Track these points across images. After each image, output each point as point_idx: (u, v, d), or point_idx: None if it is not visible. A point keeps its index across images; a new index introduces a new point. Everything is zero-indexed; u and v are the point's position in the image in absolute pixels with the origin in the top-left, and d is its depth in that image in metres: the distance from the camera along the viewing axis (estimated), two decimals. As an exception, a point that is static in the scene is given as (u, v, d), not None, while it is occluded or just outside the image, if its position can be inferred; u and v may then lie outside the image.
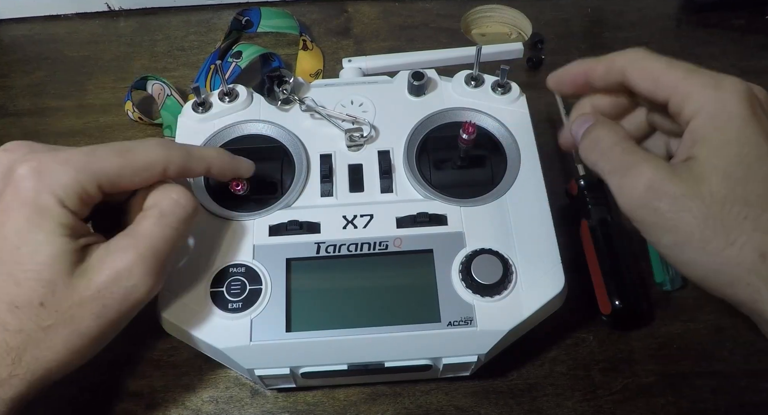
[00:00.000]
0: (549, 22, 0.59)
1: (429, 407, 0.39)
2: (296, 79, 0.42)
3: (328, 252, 0.36)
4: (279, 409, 0.40)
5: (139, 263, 0.30)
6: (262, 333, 0.34)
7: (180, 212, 0.32)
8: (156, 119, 0.52)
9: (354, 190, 0.38)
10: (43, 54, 0.58)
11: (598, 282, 0.41)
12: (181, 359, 0.41)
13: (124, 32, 0.60)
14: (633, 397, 0.39)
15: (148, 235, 0.31)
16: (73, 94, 0.55)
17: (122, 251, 0.30)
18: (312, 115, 0.41)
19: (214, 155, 0.35)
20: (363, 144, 0.40)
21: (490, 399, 0.40)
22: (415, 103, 0.42)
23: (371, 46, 0.58)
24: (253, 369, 0.34)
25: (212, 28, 0.60)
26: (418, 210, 0.37)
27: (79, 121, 0.53)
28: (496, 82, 0.42)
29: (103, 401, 0.39)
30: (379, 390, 0.40)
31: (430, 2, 0.61)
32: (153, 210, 0.32)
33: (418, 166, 0.39)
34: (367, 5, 0.61)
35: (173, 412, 0.39)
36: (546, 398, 0.40)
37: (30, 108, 0.55)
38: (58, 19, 0.61)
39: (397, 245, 0.36)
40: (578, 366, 0.41)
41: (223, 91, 0.41)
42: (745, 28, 0.58)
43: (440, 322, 0.34)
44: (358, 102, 0.42)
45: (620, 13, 0.60)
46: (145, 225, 0.31)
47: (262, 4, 0.60)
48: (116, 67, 0.57)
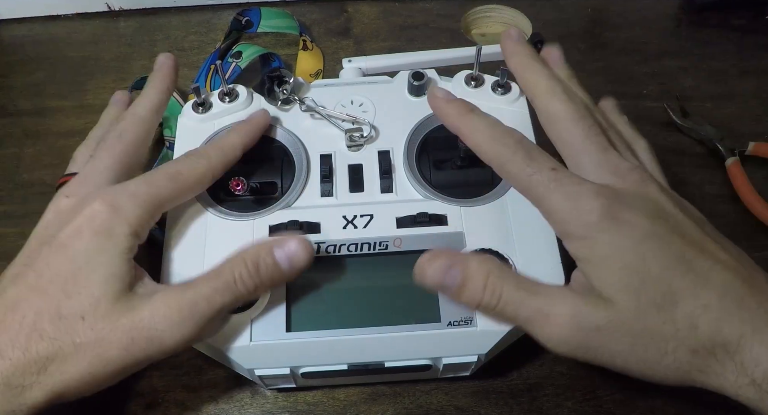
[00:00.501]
0: (549, 22, 0.59)
1: (429, 407, 0.39)
2: (296, 79, 0.42)
3: (328, 252, 0.36)
4: (279, 409, 0.40)
5: (176, 313, 0.30)
6: (262, 333, 0.34)
7: (234, 289, 0.31)
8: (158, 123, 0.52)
9: (354, 190, 0.38)
10: (43, 54, 0.58)
11: (598, 282, 0.41)
12: (181, 359, 0.41)
13: (124, 32, 0.60)
14: (633, 397, 0.39)
15: (194, 290, 0.31)
16: (73, 94, 0.55)
17: (167, 297, 0.31)
18: (312, 115, 0.41)
19: (240, 139, 0.38)
20: (363, 144, 0.40)
21: (490, 399, 0.40)
22: (415, 103, 0.42)
23: (371, 46, 0.58)
24: (253, 369, 0.34)
25: (212, 28, 0.60)
26: (418, 210, 0.37)
27: (79, 121, 0.53)
28: (496, 83, 0.41)
29: (103, 400, 0.39)
30: (379, 390, 0.40)
31: (430, 2, 0.61)
32: (214, 271, 0.32)
33: (418, 166, 0.39)
34: (367, 5, 0.61)
35: (173, 412, 0.39)
36: (546, 398, 0.40)
37: (30, 108, 0.55)
38: (58, 19, 0.61)
39: (397, 245, 0.36)
40: (578, 366, 0.41)
41: (223, 91, 0.41)
42: (745, 28, 0.58)
43: (440, 322, 0.34)
44: (358, 102, 0.42)
45: (620, 13, 0.60)
46: (198, 282, 0.31)
47: (262, 4, 0.60)
48: (116, 67, 0.57)
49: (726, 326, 0.28)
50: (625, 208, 0.29)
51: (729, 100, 0.53)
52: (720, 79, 0.55)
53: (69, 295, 0.30)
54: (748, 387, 0.27)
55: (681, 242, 0.29)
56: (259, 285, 0.32)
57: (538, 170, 0.31)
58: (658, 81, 0.55)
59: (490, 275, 0.30)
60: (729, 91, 0.54)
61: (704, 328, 0.28)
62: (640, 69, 0.56)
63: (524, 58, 0.36)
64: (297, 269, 0.32)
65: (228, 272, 0.31)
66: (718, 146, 0.49)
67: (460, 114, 0.34)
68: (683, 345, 0.28)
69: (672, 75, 0.55)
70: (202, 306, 0.31)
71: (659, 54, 0.56)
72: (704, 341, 0.28)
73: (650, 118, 0.52)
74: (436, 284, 0.31)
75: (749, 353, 0.27)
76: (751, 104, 0.53)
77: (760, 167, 0.49)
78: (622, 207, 0.29)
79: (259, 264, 0.32)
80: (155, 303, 0.30)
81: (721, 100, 0.53)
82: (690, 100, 0.53)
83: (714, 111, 0.53)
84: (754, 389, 0.27)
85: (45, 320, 0.30)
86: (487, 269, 0.30)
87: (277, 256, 0.32)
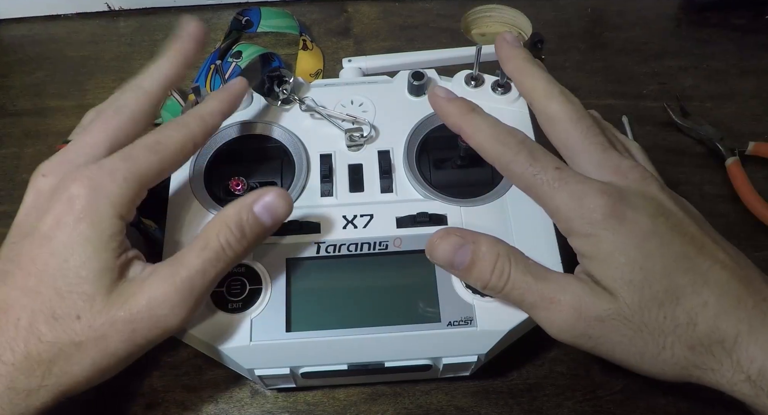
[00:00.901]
0: (549, 22, 0.59)
1: (429, 407, 0.39)
2: (296, 79, 0.42)
3: (328, 252, 0.36)
4: (279, 409, 0.40)
5: (174, 294, 0.30)
6: (262, 333, 0.34)
7: (225, 256, 0.31)
8: (156, 119, 0.52)
9: (354, 190, 0.38)
10: (43, 54, 0.58)
11: (598, 282, 0.41)
12: (181, 359, 0.41)
13: (124, 32, 0.60)
14: (633, 397, 0.39)
15: (187, 267, 0.30)
16: (73, 94, 0.55)
17: (161, 280, 0.30)
18: (312, 115, 0.41)
19: (221, 105, 0.36)
20: (363, 144, 0.40)
21: (490, 399, 0.40)
22: (415, 103, 0.42)
23: (371, 46, 0.58)
24: (253, 369, 0.34)
25: (212, 28, 0.60)
26: (418, 210, 0.37)
27: (78, 121, 0.53)
28: (496, 82, 0.42)
29: (103, 400, 0.39)
30: (379, 390, 0.40)
31: (430, 2, 0.61)
32: (200, 242, 0.31)
33: (418, 166, 0.39)
34: (367, 5, 0.61)
35: (173, 412, 0.39)
36: (546, 398, 0.40)
37: (30, 108, 0.55)
38: (58, 19, 0.61)
39: (397, 244, 0.36)
40: (578, 366, 0.41)
41: (223, 91, 0.41)
42: (745, 28, 0.58)
43: (440, 322, 0.34)
44: (358, 102, 0.42)
45: (620, 13, 0.60)
46: (189, 257, 0.31)
47: (262, 4, 0.60)
48: (116, 67, 0.57)
49: (723, 324, 0.28)
50: (628, 206, 0.30)
51: (729, 100, 0.53)
52: (720, 79, 0.55)
53: (61, 294, 0.29)
54: (743, 383, 0.28)
55: (681, 240, 0.30)
56: (246, 247, 0.32)
57: (542, 170, 0.31)
58: (658, 81, 0.55)
59: (500, 258, 0.31)
60: (729, 91, 0.54)
61: (702, 325, 0.28)
62: (640, 69, 0.56)
63: (520, 62, 0.36)
64: (279, 220, 0.32)
65: (215, 240, 0.31)
66: (718, 146, 0.49)
67: (461, 113, 0.34)
68: (681, 341, 0.29)
69: (672, 75, 0.55)
70: (198, 281, 0.30)
71: (659, 54, 0.56)
72: (702, 338, 0.28)
73: (650, 118, 0.52)
74: (445, 262, 0.32)
75: (745, 351, 0.28)
76: (751, 104, 0.53)
77: (760, 167, 0.49)
78: (626, 205, 0.30)
79: (243, 226, 0.31)
80: (152, 288, 0.30)
81: (721, 100, 0.53)
82: (690, 100, 0.53)
83: (714, 111, 0.53)
84: (749, 385, 0.28)
85: (41, 322, 0.29)
86: (497, 251, 0.31)
87: (258, 211, 0.32)
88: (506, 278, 0.30)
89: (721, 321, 0.28)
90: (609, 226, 0.29)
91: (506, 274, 0.30)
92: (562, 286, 0.30)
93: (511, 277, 0.30)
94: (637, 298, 0.29)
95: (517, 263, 0.31)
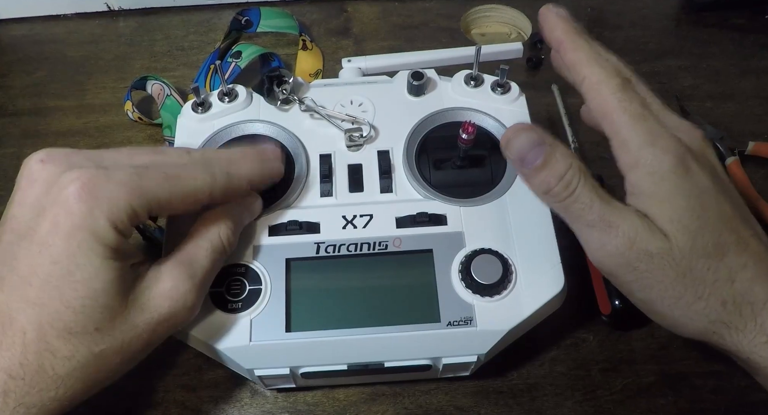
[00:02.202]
0: (549, 22, 0.59)
1: (429, 407, 0.39)
2: (296, 79, 0.42)
3: (328, 252, 0.36)
4: (279, 409, 0.40)
5: (190, 296, 0.31)
6: (261, 333, 0.34)
7: (226, 252, 0.34)
8: (156, 119, 0.52)
9: (354, 190, 0.38)
10: (43, 54, 0.58)
11: (598, 282, 0.41)
12: (181, 359, 0.41)
13: (124, 32, 0.60)
14: (633, 397, 0.39)
15: (201, 268, 0.32)
16: (73, 94, 0.55)
17: (180, 281, 0.31)
18: (311, 115, 0.41)
19: (252, 174, 0.35)
20: (362, 144, 0.40)
21: (490, 399, 0.40)
22: (414, 103, 0.42)
23: (371, 46, 0.58)
24: (253, 369, 0.34)
25: (212, 28, 0.60)
26: (417, 210, 0.37)
27: (79, 121, 0.53)
28: (496, 82, 0.41)
29: (103, 401, 0.39)
30: (379, 390, 0.40)
31: (430, 2, 0.61)
32: (204, 243, 0.33)
33: (417, 166, 0.39)
34: (367, 5, 0.61)
35: (173, 412, 0.39)
36: (546, 398, 0.40)
37: (30, 108, 0.55)
38: (58, 19, 0.61)
39: (396, 245, 0.36)
40: (578, 366, 0.41)
41: (223, 91, 0.41)
42: (745, 28, 0.58)
43: (440, 322, 0.34)
44: (358, 102, 0.42)
45: (620, 13, 0.60)
46: (200, 256, 0.32)
47: (261, 4, 0.60)
48: (116, 67, 0.57)
49: (757, 287, 0.30)
50: (693, 160, 0.30)
51: (729, 99, 0.53)
52: (720, 79, 0.55)
53: (73, 308, 0.28)
54: (763, 345, 0.29)
55: (731, 205, 0.31)
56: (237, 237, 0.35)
57: (629, 99, 0.31)
58: (658, 81, 0.55)
59: (572, 168, 0.30)
60: (729, 90, 0.54)
61: (739, 284, 0.30)
62: (640, 69, 0.55)
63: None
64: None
65: (216, 238, 0.33)
66: (718, 146, 0.49)
67: (566, 31, 0.33)
68: (716, 294, 0.30)
69: (672, 75, 0.55)
70: (209, 279, 0.33)
71: (659, 54, 0.56)
72: (735, 296, 0.30)
73: (650, 118, 0.52)
74: (518, 155, 0.31)
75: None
76: (750, 104, 0.53)
77: (760, 167, 0.49)
78: (691, 159, 0.30)
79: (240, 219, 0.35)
80: (167, 292, 0.30)
81: (720, 99, 0.53)
82: (690, 100, 0.53)
83: (714, 110, 0.53)
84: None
85: (52, 337, 0.28)
86: (571, 161, 0.31)
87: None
88: (572, 190, 0.30)
89: (756, 284, 0.29)
90: (677, 170, 0.30)
91: (573, 186, 0.30)
92: (624, 214, 0.30)
93: (577, 190, 0.30)
94: (690, 244, 0.29)
95: (587, 179, 0.31)
